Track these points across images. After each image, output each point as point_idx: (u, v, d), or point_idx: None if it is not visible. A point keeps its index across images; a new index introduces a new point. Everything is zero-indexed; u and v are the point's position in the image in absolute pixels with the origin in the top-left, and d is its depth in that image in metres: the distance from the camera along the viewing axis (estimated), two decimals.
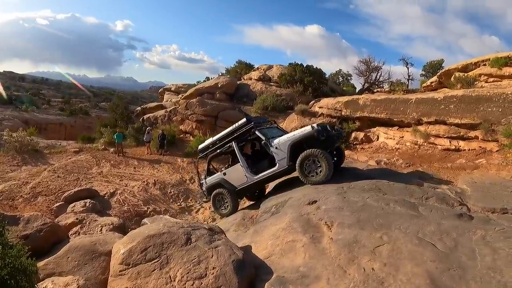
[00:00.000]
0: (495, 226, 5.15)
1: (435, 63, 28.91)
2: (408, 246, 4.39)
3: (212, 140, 9.36)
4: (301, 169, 7.62)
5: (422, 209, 5.80)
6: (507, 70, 14.42)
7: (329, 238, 4.71)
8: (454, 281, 3.76)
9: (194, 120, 23.10)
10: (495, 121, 10.35)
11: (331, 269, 4.02)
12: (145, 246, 4.51)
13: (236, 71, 32.93)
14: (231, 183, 8.92)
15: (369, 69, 29.24)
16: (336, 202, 5.94)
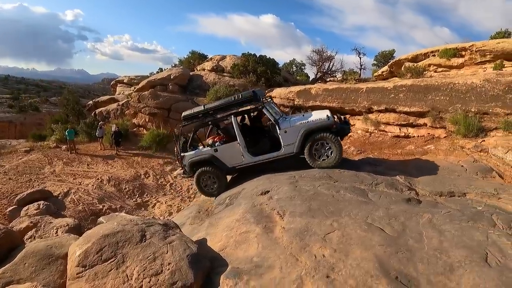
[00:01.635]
0: (442, 209, 5.52)
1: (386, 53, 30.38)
2: (358, 232, 4.59)
3: (204, 109, 8.52)
4: (310, 153, 7.69)
5: (371, 195, 6.10)
6: (456, 60, 15.45)
7: (281, 227, 4.86)
8: (402, 264, 3.96)
9: (147, 113, 23.27)
10: (443, 109, 11.07)
11: (284, 258, 4.17)
12: (100, 246, 4.51)
13: (189, 61, 33.21)
14: (223, 161, 8.33)
15: (322, 58, 30.29)
16: (288, 192, 6.15)
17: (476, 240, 4.46)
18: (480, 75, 11.63)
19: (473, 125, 9.86)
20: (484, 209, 5.54)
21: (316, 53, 30.46)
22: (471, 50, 15.46)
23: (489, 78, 10.63)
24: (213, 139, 8.87)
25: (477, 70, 14.16)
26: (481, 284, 3.63)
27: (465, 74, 13.40)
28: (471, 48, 15.48)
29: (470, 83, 10.81)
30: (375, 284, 3.63)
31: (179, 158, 8.81)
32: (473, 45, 15.42)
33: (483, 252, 4.18)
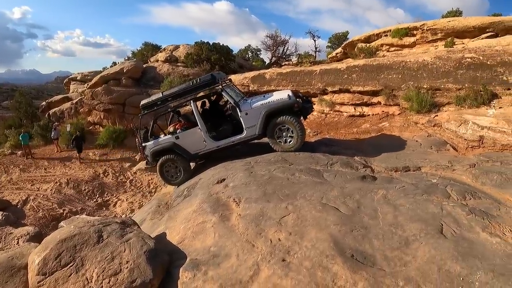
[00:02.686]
0: (397, 184, 5.65)
1: (340, 35, 31.00)
2: (312, 213, 4.65)
3: (162, 96, 8.34)
4: (272, 136, 7.70)
5: (326, 175, 6.18)
6: (408, 40, 15.97)
7: (238, 214, 4.94)
8: (357, 241, 4.01)
9: (101, 109, 22.98)
10: (396, 87, 11.42)
11: (240, 245, 4.23)
12: (58, 252, 4.50)
13: (142, 53, 32.86)
14: (185, 148, 8.20)
15: (276, 43, 30.61)
16: (243, 178, 6.20)
17: (431, 212, 4.57)
18: (432, 53, 12.02)
19: (426, 101, 10.22)
20: (438, 182, 5.71)
21: (270, 38, 30.80)
22: (423, 29, 15.99)
23: (440, 55, 11.00)
24: (174, 126, 8.77)
25: (429, 48, 14.69)
26: (437, 256, 3.69)
27: (417, 53, 13.84)
28: (422, 27, 16.00)
29: (421, 60, 11.16)
30: (331, 264, 3.65)
31: (141, 148, 8.68)
32: (424, 24, 15.93)
33: (438, 224, 4.28)
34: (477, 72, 9.91)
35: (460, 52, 10.88)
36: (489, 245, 3.87)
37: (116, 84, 24.29)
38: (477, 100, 9.32)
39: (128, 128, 20.73)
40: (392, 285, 3.34)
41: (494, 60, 9.78)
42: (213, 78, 8.01)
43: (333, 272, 3.55)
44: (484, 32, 13.57)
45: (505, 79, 9.49)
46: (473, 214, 4.47)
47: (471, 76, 9.96)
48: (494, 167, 6.49)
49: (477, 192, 5.34)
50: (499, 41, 11.96)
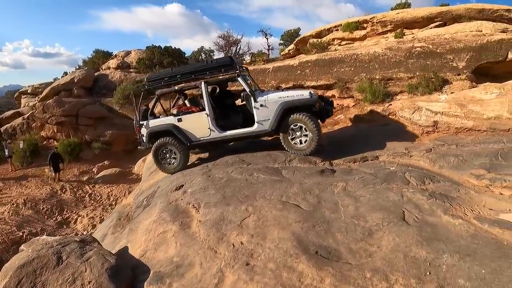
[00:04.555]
0: (356, 175, 5.76)
1: (292, 32, 31.51)
2: (273, 212, 4.66)
3: (171, 72, 7.88)
4: (286, 135, 7.23)
5: (285, 172, 6.22)
6: (358, 33, 16.39)
7: (198, 221, 4.92)
8: (320, 237, 4.03)
9: (54, 123, 22.28)
10: (349, 79, 11.69)
11: (202, 252, 4.20)
12: (18, 279, 4.35)
13: (94, 61, 32.02)
14: (186, 133, 7.67)
15: (229, 43, 30.73)
16: (201, 183, 6.17)
17: (392, 200, 4.68)
18: (382, 44, 12.38)
19: (379, 91, 10.50)
20: (397, 169, 5.88)
21: (222, 39, 31.01)
22: (373, 22, 16.46)
23: (391, 46, 11.36)
24: (178, 109, 8.21)
25: (379, 40, 15.10)
26: (401, 243, 3.75)
27: (368, 45, 14.19)
28: (372, 20, 16.47)
29: (373, 52, 11.49)
30: (295, 263, 3.65)
31: (137, 127, 8.11)
32: (374, 17, 16.42)
33: (399, 212, 4.38)
34: (427, 60, 10.32)
35: (410, 42, 11.27)
36: (452, 227, 3.99)
37: (68, 95, 23.84)
38: (429, 87, 9.71)
39: (83, 141, 20.48)
40: (360, 277, 3.36)
41: (443, 48, 10.22)
42: (231, 61, 7.64)
43: (299, 271, 3.54)
44: (433, 22, 14.12)
45: (455, 65, 9.96)
46: (434, 198, 4.61)
47: (421, 64, 10.36)
48: (450, 150, 6.78)
49: (435, 176, 5.53)
50: (447, 29, 12.47)
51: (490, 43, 9.65)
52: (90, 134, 21.23)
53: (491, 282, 3.14)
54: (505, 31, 10.88)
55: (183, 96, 8.83)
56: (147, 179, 9.00)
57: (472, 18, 12.56)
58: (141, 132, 8.01)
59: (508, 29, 11.07)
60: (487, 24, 11.51)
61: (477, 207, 4.51)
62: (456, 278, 3.23)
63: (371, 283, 3.29)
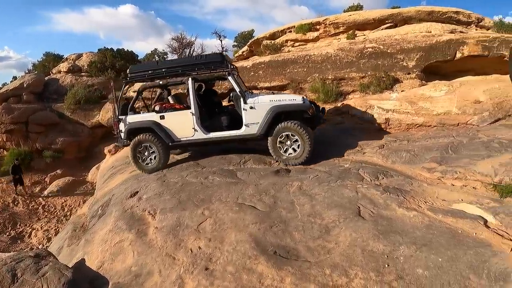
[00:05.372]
0: (310, 174, 5.87)
1: (246, 33, 31.66)
2: (230, 215, 4.69)
3: (157, 65, 7.54)
4: (274, 142, 6.87)
5: (240, 174, 6.26)
6: (311, 34, 16.73)
7: (154, 227, 4.90)
8: (278, 237, 4.09)
9: (3, 131, 21.14)
10: (302, 80, 11.89)
11: (161, 260, 4.19)
12: None
13: (44, 65, 30.60)
14: (168, 132, 7.29)
15: (182, 45, 30.41)
16: (156, 188, 6.13)
17: (347, 197, 4.80)
18: (335, 45, 12.72)
19: (332, 91, 10.81)
20: (350, 166, 6.06)
21: (175, 41, 30.55)
22: (325, 24, 16.86)
23: (343, 47, 11.72)
24: (161, 105, 7.82)
25: (332, 41, 15.48)
26: (358, 238, 3.86)
27: (321, 46, 14.48)
28: (325, 22, 16.88)
29: (325, 53, 11.80)
30: (255, 265, 3.69)
31: (116, 121, 7.69)
32: (327, 19, 16.84)
33: (355, 207, 4.50)
34: (378, 60, 10.73)
35: (362, 43, 11.68)
36: (407, 220, 4.15)
37: (17, 101, 22.75)
38: (380, 86, 10.10)
39: (34, 149, 19.61)
40: (319, 274, 3.42)
41: (394, 48, 10.68)
42: (222, 58, 7.40)
43: (259, 273, 3.58)
44: (384, 24, 14.66)
45: (405, 64, 10.44)
46: (388, 193, 4.77)
47: (373, 64, 10.75)
48: (402, 145, 7.07)
49: (388, 171, 5.75)
50: (398, 30, 13.00)
51: (439, 43, 10.19)
52: (41, 142, 20.24)
53: (448, 269, 3.29)
54: (453, 32, 11.50)
55: (167, 92, 8.47)
56: (101, 187, 8.83)
57: (422, 20, 13.15)
58: (119, 127, 7.62)
59: (456, 30, 11.71)
60: (436, 26, 12.11)
61: (431, 198, 4.71)
62: (414, 268, 3.36)
63: (331, 279, 3.35)
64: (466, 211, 4.31)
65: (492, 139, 6.46)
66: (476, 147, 6.23)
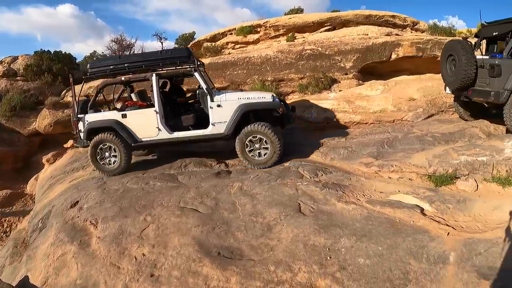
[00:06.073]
0: (251, 174, 5.99)
1: (187, 35, 31.41)
2: (172, 219, 4.70)
3: (119, 60, 7.17)
4: (242, 144, 6.60)
5: (181, 177, 6.23)
6: (252, 36, 16.94)
7: (97, 237, 4.80)
8: (221, 238, 4.16)
9: None
10: (242, 81, 11.97)
11: (105, 270, 4.13)
12: None
13: None
14: (131, 132, 6.91)
15: (122, 47, 29.61)
16: (97, 197, 5.98)
17: (287, 195, 4.94)
18: (274, 48, 12.98)
19: (271, 92, 10.83)
20: (290, 165, 6.23)
21: (115, 43, 29.65)
22: (266, 26, 17.15)
23: (282, 49, 12.02)
24: (123, 103, 7.46)
25: (272, 44, 15.78)
26: (300, 234, 3.99)
27: (261, 48, 14.74)
28: (265, 24, 17.16)
29: (265, 55, 12.02)
30: (199, 267, 3.73)
31: (75, 120, 7.23)
32: (267, 22, 17.13)
33: (295, 204, 4.64)
34: (317, 62, 11.08)
35: (301, 45, 12.00)
36: (347, 213, 4.36)
37: None
38: (318, 86, 10.41)
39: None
40: (264, 271, 3.51)
41: (332, 50, 11.08)
42: (189, 53, 7.09)
43: (204, 275, 3.62)
44: (323, 26, 15.18)
45: (342, 65, 10.86)
46: (327, 188, 4.96)
47: (311, 65, 11.08)
48: (340, 143, 7.38)
49: (328, 168, 5.98)
50: (336, 33, 13.50)
51: (375, 45, 10.71)
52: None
53: (389, 256, 3.50)
54: (389, 34, 12.13)
55: (129, 88, 8.10)
56: (41, 198, 8.43)
57: (360, 23, 13.76)
58: (79, 127, 7.21)
59: (392, 33, 12.37)
60: (373, 29, 12.71)
61: (369, 191, 4.98)
62: (356, 258, 3.54)
63: (276, 275, 3.45)
64: (403, 201, 4.61)
65: (425, 133, 6.91)
66: (411, 141, 6.65)
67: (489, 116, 7.24)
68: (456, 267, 3.35)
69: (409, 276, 3.29)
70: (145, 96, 7.98)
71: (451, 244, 3.68)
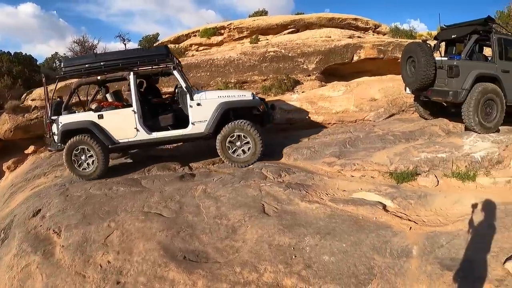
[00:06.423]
0: (214, 177, 6.01)
1: (151, 37, 31.05)
2: (136, 225, 4.64)
3: (94, 58, 6.87)
4: (223, 142, 6.56)
5: (144, 182, 6.16)
6: (216, 38, 16.98)
7: (61, 246, 4.66)
8: (186, 242, 4.15)
9: None
10: (205, 83, 11.90)
11: (71, 279, 4.03)
12: None
13: None
14: (108, 133, 6.63)
15: (84, 49, 28.89)
16: (59, 204, 5.82)
17: (251, 196, 5.00)
18: (238, 50, 13.02)
19: None
20: (254, 166, 6.29)
21: (77, 44, 28.90)
22: (230, 28, 17.23)
23: (246, 51, 12.07)
24: (98, 104, 7.10)
25: (236, 46, 15.85)
26: (265, 234, 4.05)
27: (224, 50, 14.78)
28: (229, 26, 17.24)
29: (228, 57, 12.00)
30: (165, 272, 3.71)
31: (48, 122, 6.84)
32: (231, 24, 17.22)
33: (259, 205, 4.70)
34: (280, 64, 11.23)
35: (264, 47, 12.10)
36: (310, 212, 4.45)
37: None
38: (281, 87, 10.56)
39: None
40: (230, 273, 3.53)
41: (294, 52, 11.25)
42: (167, 51, 6.92)
43: (170, 279, 3.62)
44: (287, 29, 15.43)
45: (305, 67, 11.06)
46: (291, 189, 5.04)
47: (274, 67, 11.21)
48: (302, 143, 7.51)
49: (291, 168, 6.07)
50: (300, 35, 13.74)
51: (338, 47, 10.97)
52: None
53: (353, 253, 3.61)
54: (351, 37, 12.47)
55: (104, 89, 7.85)
56: (2, 208, 8.03)
57: (323, 25, 14.07)
58: (52, 129, 6.86)
59: (354, 35, 12.72)
60: (336, 31, 13.03)
61: (332, 190, 5.10)
62: (321, 255, 3.62)
63: (242, 276, 3.48)
64: (365, 199, 4.76)
65: (387, 132, 7.16)
66: (373, 140, 6.86)
67: (448, 114, 7.61)
68: (419, 260, 3.49)
69: (373, 271, 3.40)
70: (120, 97, 7.79)
71: (414, 238, 3.83)
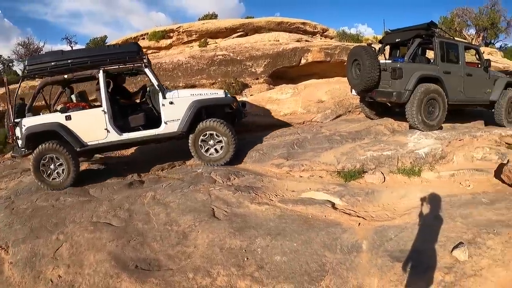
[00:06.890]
0: (163, 183, 5.97)
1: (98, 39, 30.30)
2: (86, 236, 4.54)
3: (61, 56, 6.41)
4: (197, 144, 6.54)
5: (93, 191, 6.04)
6: (164, 42, 16.82)
7: (9, 263, 4.47)
8: (137, 250, 4.11)
9: None
10: None
11: None
12: None
13: None
14: (77, 135, 6.26)
15: (30, 51, 27.65)
16: (5, 219, 5.55)
17: (200, 200, 5.04)
18: (186, 53, 13.01)
19: None
20: (203, 171, 6.29)
21: (22, 46, 27.63)
22: (179, 32, 17.12)
23: (194, 55, 12.11)
24: (64, 105, 6.68)
25: (184, 49, 15.79)
26: (215, 238, 4.10)
27: (173, 54, 14.67)
28: (178, 29, 17.13)
29: (176, 61, 12.03)
30: (118, 283, 3.67)
31: (11, 126, 6.41)
32: (181, 27, 17.12)
33: (209, 210, 4.75)
34: (228, 67, 11.40)
35: (213, 50, 12.20)
36: (260, 213, 4.55)
37: None
38: (230, 91, 10.48)
39: None
40: (183, 280, 3.55)
41: (243, 56, 11.45)
42: (138, 48, 6.68)
43: None
44: (236, 32, 15.57)
45: (253, 70, 11.28)
46: (240, 191, 5.13)
47: (223, 71, 11.38)
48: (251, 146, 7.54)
49: (240, 171, 6.17)
50: (248, 39, 13.92)
51: (286, 51, 11.26)
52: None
53: (304, 251, 3.74)
54: (299, 40, 12.77)
55: (69, 90, 7.50)
56: None
57: (272, 29, 14.32)
58: (16, 133, 6.42)
59: (302, 39, 13.04)
60: (284, 35, 13.28)
61: (281, 191, 5.24)
62: (272, 256, 3.72)
63: (196, 282, 3.51)
64: (314, 198, 4.93)
65: (334, 133, 7.40)
66: (320, 141, 7.08)
67: (393, 114, 7.95)
68: (369, 254, 3.66)
69: (325, 267, 3.53)
70: (86, 98, 7.52)
71: (363, 233, 4.01)
